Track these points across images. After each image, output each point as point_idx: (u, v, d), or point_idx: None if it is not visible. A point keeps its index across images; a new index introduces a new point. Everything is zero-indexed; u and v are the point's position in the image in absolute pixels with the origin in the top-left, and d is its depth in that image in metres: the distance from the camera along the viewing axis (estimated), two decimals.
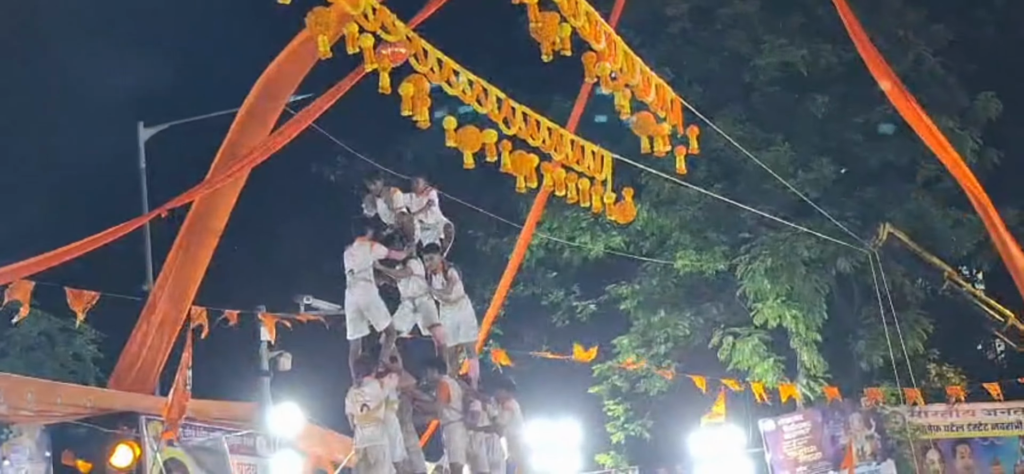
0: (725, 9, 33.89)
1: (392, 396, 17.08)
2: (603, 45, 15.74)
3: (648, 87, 16.80)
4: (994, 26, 35.78)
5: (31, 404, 19.94)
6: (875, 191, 33.08)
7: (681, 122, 17.70)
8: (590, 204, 17.89)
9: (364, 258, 17.55)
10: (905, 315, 31.84)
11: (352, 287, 17.67)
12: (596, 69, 16.03)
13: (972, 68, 34.59)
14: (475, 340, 19.42)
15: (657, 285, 34.22)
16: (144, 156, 26.64)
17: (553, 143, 16.51)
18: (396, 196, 18.99)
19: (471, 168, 15.86)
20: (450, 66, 14.50)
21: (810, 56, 32.96)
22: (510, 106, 15.60)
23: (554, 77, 24.90)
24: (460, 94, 14.70)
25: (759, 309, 32.20)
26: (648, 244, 34.57)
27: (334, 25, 13.24)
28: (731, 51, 34.05)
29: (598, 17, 15.66)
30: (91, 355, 28.58)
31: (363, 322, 17.66)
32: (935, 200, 32.62)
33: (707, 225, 33.46)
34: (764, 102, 33.58)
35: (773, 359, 32.53)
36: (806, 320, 32.01)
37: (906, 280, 32.61)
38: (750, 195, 31.45)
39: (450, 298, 18.66)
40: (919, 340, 32.51)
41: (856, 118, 33.41)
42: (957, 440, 32.46)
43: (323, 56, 13.26)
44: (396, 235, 18.55)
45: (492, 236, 35.49)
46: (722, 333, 33.24)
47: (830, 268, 32.35)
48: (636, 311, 34.23)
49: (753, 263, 31.93)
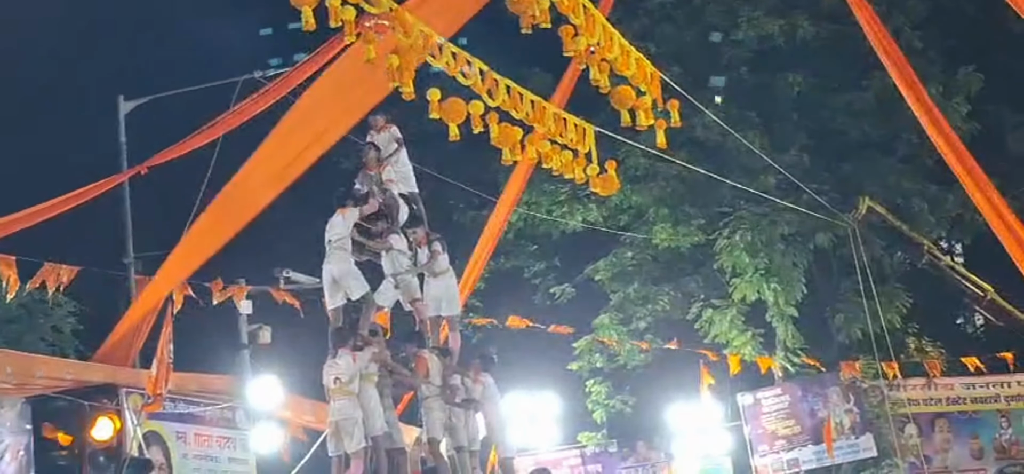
0: None
1: (370, 369, 17.02)
2: (581, 19, 15.73)
3: (627, 61, 16.80)
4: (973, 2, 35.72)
5: (10, 377, 19.92)
6: (853, 166, 33.13)
7: (660, 96, 17.72)
8: (573, 176, 17.92)
9: (342, 227, 17.53)
10: (884, 289, 31.88)
11: (329, 257, 17.65)
12: (574, 44, 16.03)
13: (951, 43, 34.58)
14: (457, 314, 19.38)
15: (632, 257, 34.24)
16: (124, 129, 26.52)
17: (536, 116, 16.52)
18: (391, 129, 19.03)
19: (456, 140, 15.87)
20: (433, 39, 14.49)
21: (788, 27, 32.90)
22: (493, 78, 15.61)
23: (533, 50, 24.91)
24: (444, 66, 14.71)
25: (737, 284, 32.27)
26: (626, 218, 34.59)
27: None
28: (708, 26, 34.00)
29: None
30: (71, 327, 28.52)
31: (339, 291, 17.62)
32: (914, 175, 32.66)
33: (685, 200, 33.48)
34: (742, 78, 33.56)
35: (751, 332, 32.61)
36: (784, 294, 32.07)
37: (885, 254, 32.67)
38: (729, 171, 31.46)
39: (434, 270, 18.63)
40: (898, 314, 32.57)
41: (834, 92, 33.40)
42: (936, 414, 32.63)
43: (308, 29, 13.23)
44: (381, 213, 18.50)
45: (472, 208, 35.44)
46: (701, 306, 33.29)
47: (809, 242, 32.39)
48: (611, 283, 34.24)
49: (732, 236, 31.97)
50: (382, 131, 19.30)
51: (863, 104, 32.81)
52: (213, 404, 23.72)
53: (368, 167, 18.72)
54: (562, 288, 35.71)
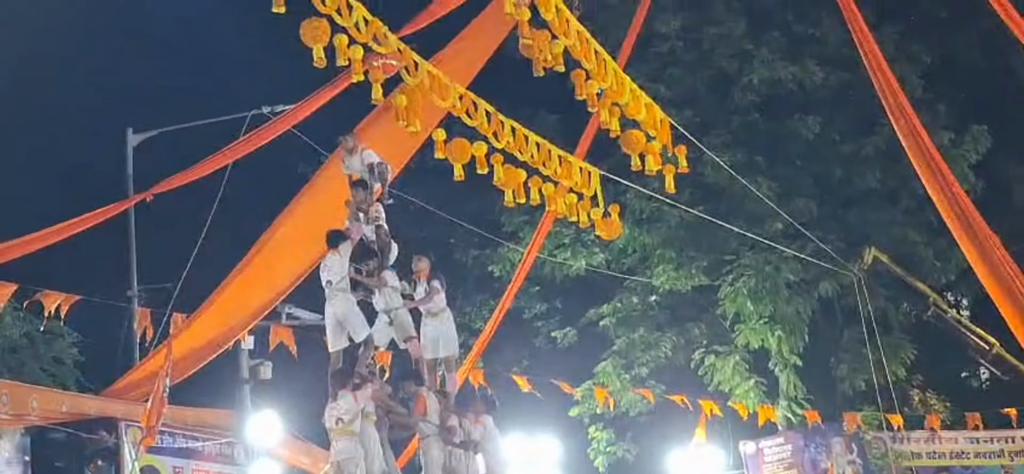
0: (713, 28, 33.85)
1: (368, 408, 16.98)
2: (593, 64, 15.75)
3: (638, 106, 16.81)
4: (979, 52, 35.65)
5: (7, 406, 19.85)
6: (859, 215, 33.05)
7: (670, 141, 17.72)
8: (578, 219, 17.90)
9: (340, 268, 17.47)
10: (888, 340, 31.79)
11: (331, 299, 17.56)
12: (586, 87, 16.05)
13: (960, 95, 34.55)
14: (455, 354, 19.31)
15: (638, 303, 34.15)
16: (132, 162, 26.55)
17: (541, 158, 16.52)
18: (367, 153, 18.82)
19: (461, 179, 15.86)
20: (440, 79, 14.50)
21: (799, 73, 32.92)
22: (499, 120, 15.60)
23: (539, 92, 24.92)
24: (450, 107, 14.71)
25: (741, 330, 32.17)
26: (630, 261, 34.51)
27: (328, 36, 13.24)
28: (718, 70, 34.02)
29: (588, 36, 15.67)
30: (72, 358, 28.47)
31: (342, 334, 17.55)
32: (920, 226, 32.57)
33: (689, 244, 33.40)
34: (750, 124, 33.54)
35: (754, 380, 32.48)
36: (788, 342, 31.97)
37: (890, 305, 32.56)
38: (734, 217, 31.41)
39: (432, 309, 18.56)
40: (902, 365, 32.44)
41: (841, 141, 33.36)
42: (939, 468, 32.43)
43: (318, 66, 13.25)
44: (372, 250, 18.41)
45: (473, 247, 35.41)
46: (704, 352, 33.18)
47: (813, 291, 32.30)
48: (616, 328, 34.15)
49: (736, 283, 31.89)
50: (354, 153, 18.98)
51: (870, 153, 32.71)
52: (212, 439, 23.65)
53: (359, 206, 18.52)
54: (564, 332, 35.60)
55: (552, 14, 14.64)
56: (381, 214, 18.43)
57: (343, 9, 13.04)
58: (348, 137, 19.00)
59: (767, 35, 33.38)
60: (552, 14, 14.64)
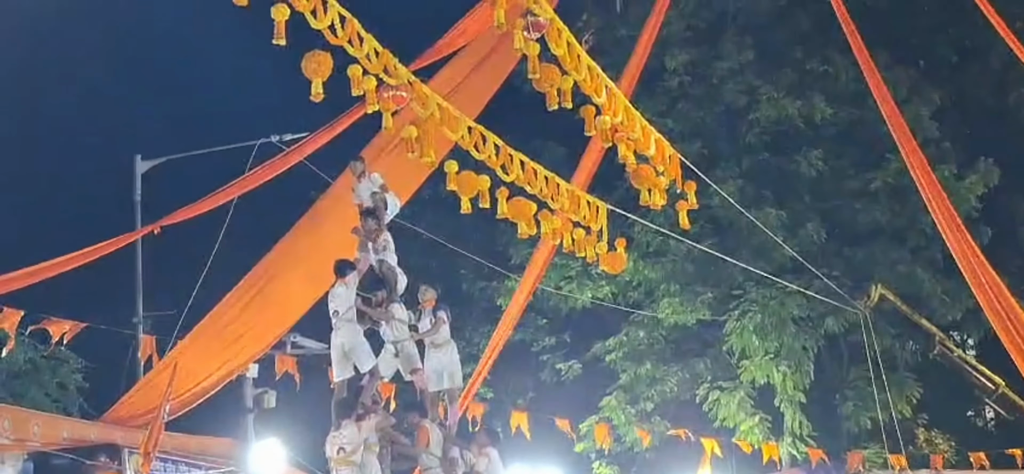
0: (722, 63, 33.92)
1: (371, 439, 16.95)
2: (603, 99, 15.75)
3: (648, 141, 16.82)
4: (989, 90, 35.72)
5: (8, 431, 19.81)
6: (866, 252, 33.02)
7: (680, 177, 17.74)
8: (585, 254, 17.90)
9: (347, 298, 17.45)
10: (894, 378, 31.70)
11: (338, 329, 17.54)
12: (596, 123, 16.06)
13: (968, 132, 34.60)
14: (459, 386, 19.29)
15: (644, 337, 34.09)
16: (140, 188, 26.58)
17: (550, 191, 16.53)
18: (374, 177, 18.79)
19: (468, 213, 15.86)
20: (450, 111, 14.51)
21: (806, 109, 32.97)
22: (508, 153, 15.61)
23: (548, 125, 24.93)
24: (459, 139, 14.73)
25: (747, 366, 32.10)
26: (636, 295, 34.47)
27: (329, 69, 13.25)
28: (727, 105, 34.07)
29: (599, 70, 15.68)
30: (76, 384, 28.46)
31: (348, 364, 17.53)
32: (927, 264, 32.54)
33: (696, 279, 33.38)
34: (758, 159, 33.58)
35: (759, 416, 32.39)
36: (794, 379, 31.89)
37: (896, 343, 32.51)
38: (740, 251, 31.40)
39: (436, 341, 18.54)
40: (908, 404, 32.36)
41: (848, 177, 33.39)
42: None
43: (316, 99, 13.25)
44: (380, 280, 18.39)
45: (481, 279, 35.41)
46: (709, 387, 33.10)
47: (819, 327, 32.24)
48: (623, 363, 34.08)
49: (742, 318, 31.84)
50: (363, 178, 18.95)
51: (878, 190, 32.72)
52: (215, 467, 23.58)
53: (368, 236, 18.47)
54: (569, 364, 35.54)
55: (562, 49, 14.63)
56: (389, 243, 18.40)
57: (354, 40, 13.08)
58: (357, 162, 18.98)
59: (777, 71, 33.45)
60: (562, 49, 14.63)
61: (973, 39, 33.80)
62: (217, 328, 22.35)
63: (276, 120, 25.08)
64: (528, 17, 14.07)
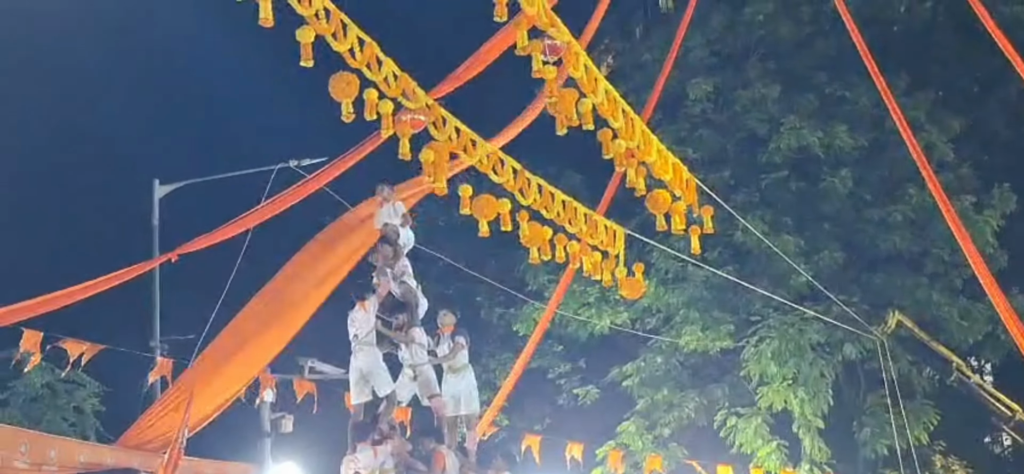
0: (745, 91, 33.97)
1: (387, 464, 16.96)
2: (620, 123, 15.76)
3: (664, 166, 16.82)
4: (1006, 117, 35.71)
5: (25, 456, 19.82)
6: (884, 278, 32.98)
7: (697, 202, 17.73)
8: (602, 279, 17.88)
9: (366, 322, 17.48)
10: (911, 404, 31.62)
11: (356, 353, 17.60)
12: (613, 146, 16.06)
13: (984, 159, 34.58)
14: (476, 412, 19.28)
15: (662, 363, 34.05)
16: (158, 213, 26.65)
17: (567, 216, 16.53)
18: (397, 205, 18.83)
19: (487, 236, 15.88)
20: (467, 135, 14.53)
21: (826, 138, 32.99)
22: (525, 177, 15.62)
23: (564, 151, 24.95)
24: (477, 163, 14.74)
25: (764, 392, 32.03)
26: (654, 321, 34.44)
27: (357, 90, 13.29)
28: (748, 133, 34.09)
29: (617, 95, 15.69)
30: (93, 408, 28.50)
31: (366, 387, 17.57)
32: (944, 291, 32.49)
33: (714, 304, 33.35)
34: (777, 186, 33.57)
35: (776, 442, 32.31)
36: (811, 405, 31.81)
37: (913, 369, 32.42)
38: (759, 277, 31.37)
39: (454, 365, 18.55)
40: (925, 431, 32.26)
41: (869, 204, 33.36)
42: None
43: (346, 120, 13.30)
44: (400, 304, 18.41)
45: (498, 305, 35.41)
46: (726, 413, 33.04)
47: (837, 353, 32.17)
48: (640, 389, 34.03)
49: (760, 344, 31.80)
50: (385, 205, 19.01)
51: (898, 218, 32.69)
52: None
53: (384, 259, 18.48)
54: (586, 390, 35.49)
55: (581, 72, 14.66)
56: (408, 269, 18.44)
57: (373, 64, 13.11)
58: (384, 186, 19.05)
59: (800, 98, 33.51)
60: (581, 72, 14.66)
61: (991, 68, 33.81)
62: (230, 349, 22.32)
63: (294, 144, 25.14)
64: (545, 40, 14.11)
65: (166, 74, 36.48)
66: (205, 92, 36.51)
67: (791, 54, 35.03)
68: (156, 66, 36.07)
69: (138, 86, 36.19)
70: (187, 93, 36.95)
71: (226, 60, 33.89)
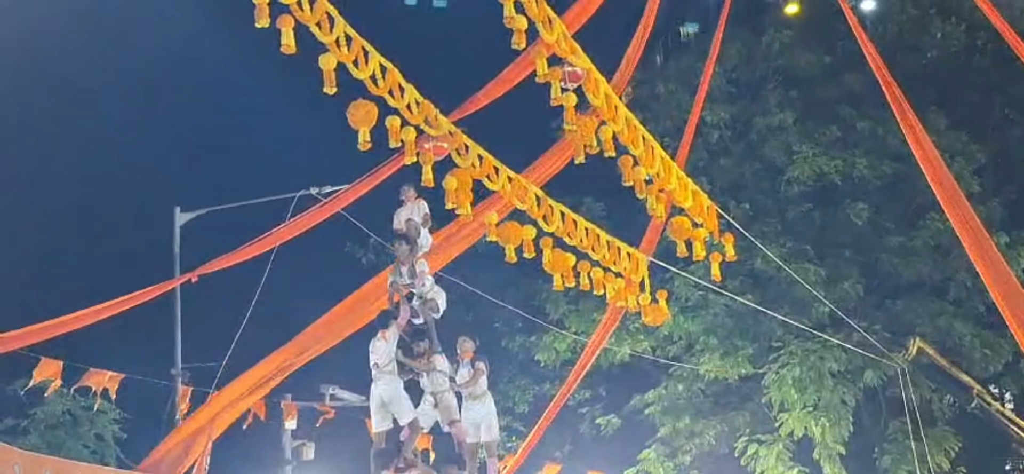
0: (763, 119, 33.97)
1: None
2: (641, 150, 15.78)
3: (685, 193, 16.83)
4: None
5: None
6: (905, 305, 32.92)
7: (717, 229, 17.73)
8: (625, 305, 17.89)
9: (387, 350, 17.46)
10: (932, 431, 31.54)
11: (377, 381, 17.54)
12: (633, 173, 16.08)
13: (1010, 190, 34.50)
14: (496, 439, 19.24)
15: (684, 391, 34.01)
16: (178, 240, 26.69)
17: (590, 243, 16.54)
18: (420, 204, 18.78)
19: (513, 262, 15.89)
20: (490, 162, 14.55)
21: (844, 167, 32.95)
22: (548, 204, 15.64)
23: (585, 179, 24.94)
24: (499, 190, 14.76)
25: (785, 419, 31.96)
26: (675, 349, 34.39)
27: (375, 118, 13.31)
28: (766, 162, 34.08)
29: (636, 122, 15.72)
30: (113, 435, 28.53)
31: (387, 415, 17.53)
32: (966, 319, 32.40)
33: (735, 332, 33.31)
34: (797, 214, 33.54)
35: (797, 469, 32.23)
36: (832, 432, 31.73)
37: (934, 396, 32.33)
38: (780, 305, 31.33)
39: (474, 392, 18.51)
40: (946, 458, 32.14)
41: (890, 232, 33.30)
42: None
43: (363, 148, 13.31)
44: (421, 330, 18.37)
45: (519, 333, 35.38)
46: (747, 440, 32.97)
47: (858, 380, 32.10)
48: (662, 417, 33.99)
49: (781, 371, 31.74)
50: (408, 202, 18.94)
51: (919, 246, 32.63)
52: None
53: (400, 261, 18.40)
54: (608, 419, 35.45)
55: (600, 100, 14.68)
56: (425, 271, 18.32)
57: (395, 91, 13.14)
58: (409, 187, 18.99)
59: (819, 127, 33.49)
60: (600, 100, 14.68)
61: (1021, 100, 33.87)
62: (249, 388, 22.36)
63: (316, 172, 25.16)
64: (565, 67, 14.12)
65: (188, 101, 36.59)
66: (229, 121, 36.63)
67: (813, 83, 35.00)
68: (178, 94, 36.18)
69: (160, 113, 36.30)
70: (210, 121, 37.06)
71: (249, 88, 34.00)
